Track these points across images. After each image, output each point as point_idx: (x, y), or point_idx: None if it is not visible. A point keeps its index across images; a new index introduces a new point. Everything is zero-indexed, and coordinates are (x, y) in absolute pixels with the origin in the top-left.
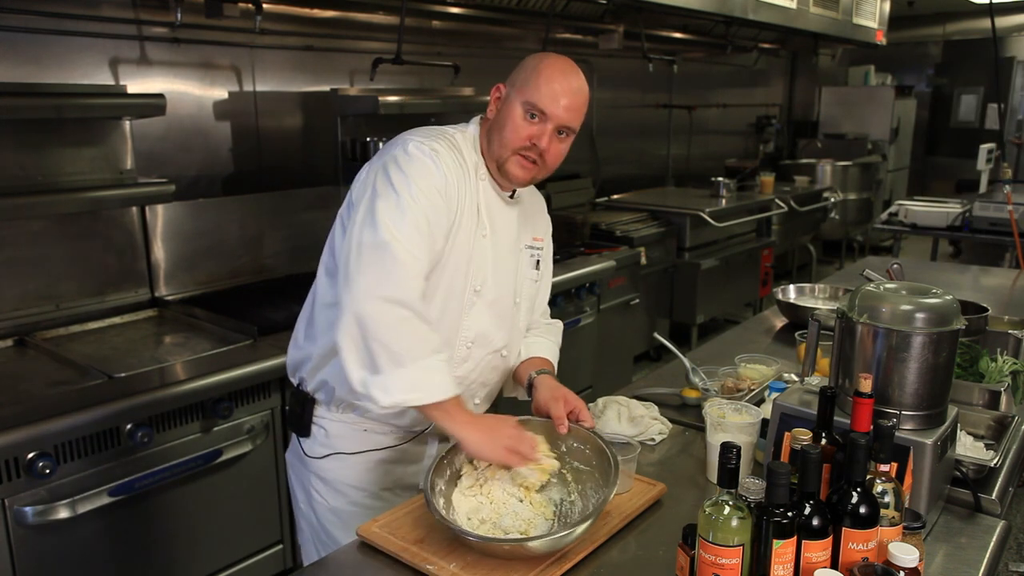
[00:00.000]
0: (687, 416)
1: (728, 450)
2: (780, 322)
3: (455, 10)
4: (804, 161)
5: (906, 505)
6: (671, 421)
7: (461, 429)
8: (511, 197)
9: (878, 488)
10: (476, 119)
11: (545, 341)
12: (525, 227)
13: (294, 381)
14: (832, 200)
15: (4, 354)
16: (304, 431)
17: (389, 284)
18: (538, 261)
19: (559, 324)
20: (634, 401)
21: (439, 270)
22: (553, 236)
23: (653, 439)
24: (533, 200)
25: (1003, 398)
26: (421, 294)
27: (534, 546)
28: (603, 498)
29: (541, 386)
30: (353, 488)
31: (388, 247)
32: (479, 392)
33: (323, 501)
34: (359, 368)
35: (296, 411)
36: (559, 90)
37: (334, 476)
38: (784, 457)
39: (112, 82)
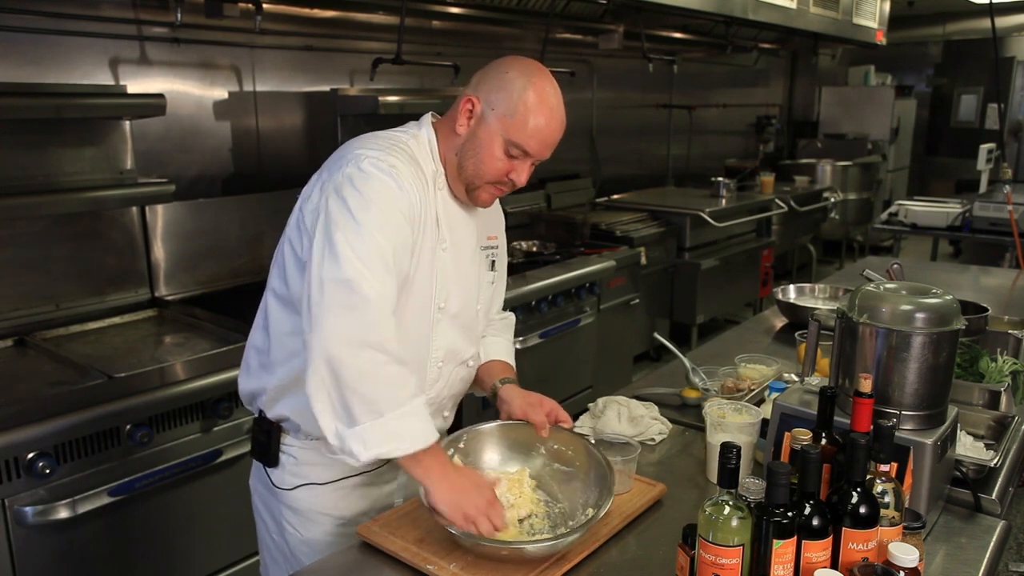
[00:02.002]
0: (687, 416)
1: (728, 450)
2: (780, 322)
3: (455, 10)
4: (804, 161)
5: (906, 505)
6: (671, 421)
7: (434, 484)
8: None
9: (878, 488)
10: (427, 119)
11: (502, 340)
12: (481, 229)
13: (252, 410)
14: (832, 200)
15: (4, 354)
16: (272, 461)
17: (360, 327)
18: (493, 262)
19: (512, 318)
20: (634, 401)
21: (404, 293)
22: (553, 236)
23: (653, 439)
24: None
25: (1003, 398)
26: (394, 333)
27: (531, 550)
28: (605, 502)
29: (513, 396)
30: (328, 517)
31: (354, 285)
32: (447, 404)
33: (295, 532)
34: (333, 420)
35: (261, 440)
36: (547, 131)
37: (307, 506)
38: (784, 457)
39: (112, 82)
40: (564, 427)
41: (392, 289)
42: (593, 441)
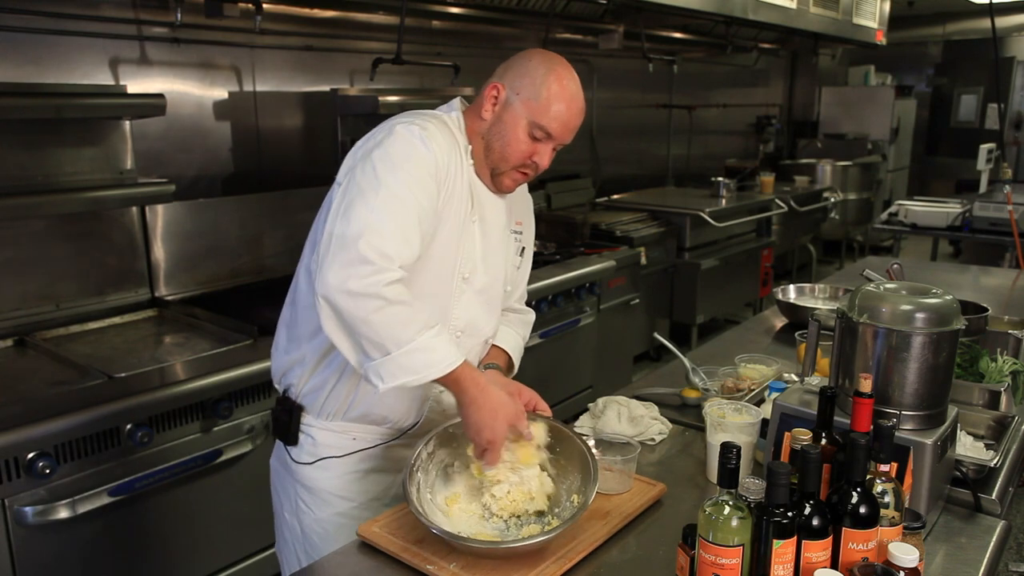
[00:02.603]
0: (687, 416)
1: (728, 450)
2: (780, 322)
3: (455, 10)
4: (804, 161)
5: (906, 505)
6: (671, 421)
7: (463, 405)
8: None
9: (878, 488)
10: (456, 103)
11: (511, 332)
12: (510, 212)
13: (279, 388)
14: (832, 200)
15: (4, 354)
16: (291, 439)
17: (352, 280)
18: (523, 248)
19: (531, 316)
20: (634, 401)
21: (428, 256)
22: (553, 236)
23: (653, 439)
24: None
25: (1003, 398)
26: (392, 280)
27: (521, 548)
28: (590, 489)
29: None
30: (340, 498)
31: (354, 244)
32: None
33: (309, 512)
34: (352, 353)
35: (283, 419)
36: (568, 114)
37: (321, 485)
38: (784, 457)
39: (112, 82)
40: (543, 416)
41: (403, 248)
42: (592, 441)
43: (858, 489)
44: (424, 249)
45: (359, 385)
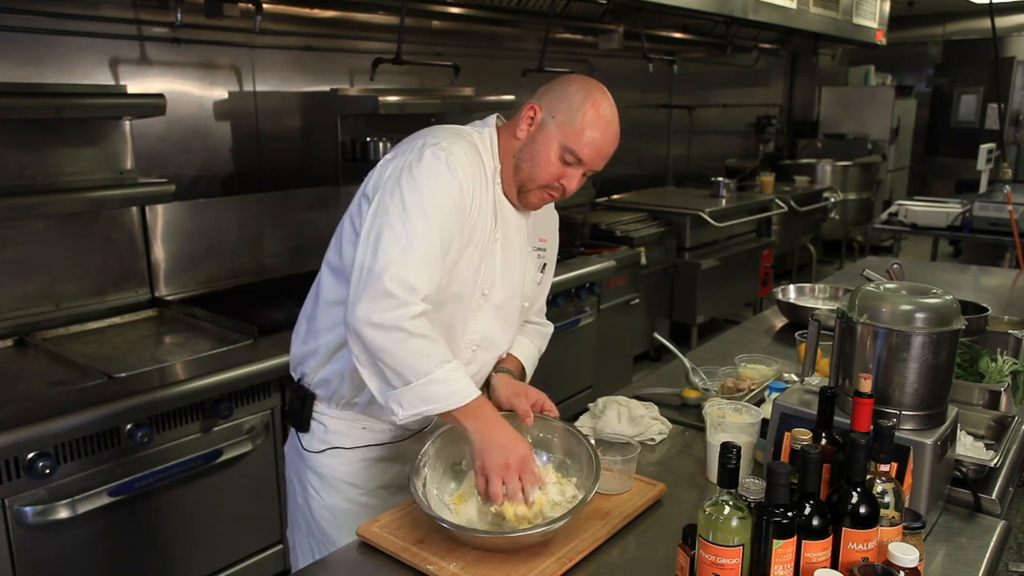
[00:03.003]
0: (687, 416)
1: (728, 450)
2: (780, 322)
3: (455, 10)
4: (804, 161)
5: (906, 505)
6: (671, 421)
7: (475, 440)
8: None
9: (878, 488)
10: (492, 120)
11: (526, 342)
12: (533, 229)
13: (295, 376)
14: (832, 200)
15: (4, 354)
16: (303, 427)
17: (378, 312)
18: (544, 264)
19: (549, 329)
20: (634, 401)
21: (451, 274)
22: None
23: (653, 439)
24: None
25: (1003, 398)
26: (418, 313)
27: (519, 536)
28: (589, 489)
29: (500, 384)
30: (349, 485)
31: (380, 278)
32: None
33: (318, 497)
34: (376, 381)
35: (296, 407)
36: (602, 142)
37: (331, 472)
38: (784, 457)
39: (112, 82)
40: (549, 416)
41: (425, 278)
42: (592, 441)
43: (858, 489)
44: (446, 270)
45: None
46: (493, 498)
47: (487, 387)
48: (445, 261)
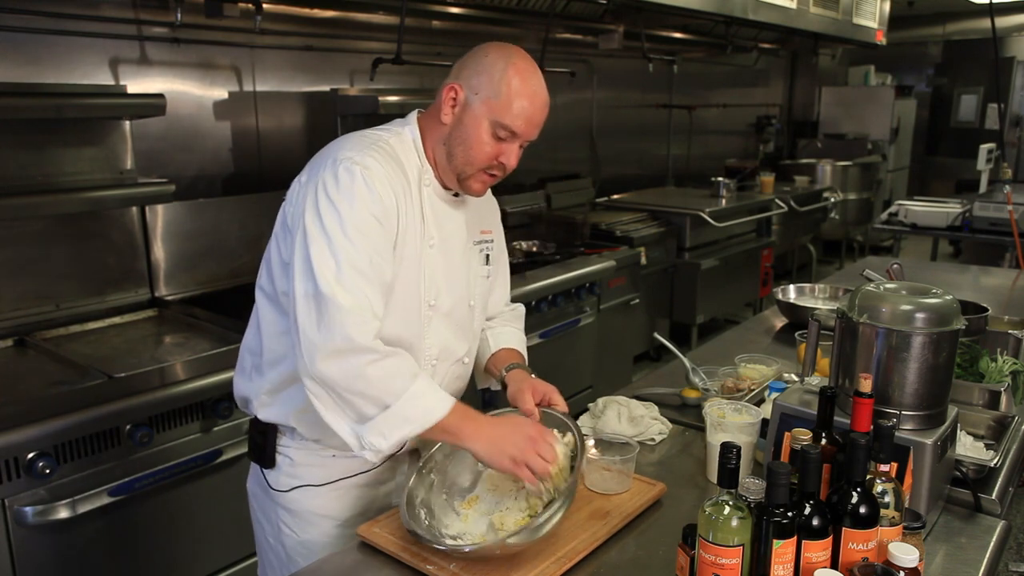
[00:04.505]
0: (687, 416)
1: (728, 450)
2: (780, 322)
3: (455, 10)
4: (804, 161)
5: (906, 505)
6: (671, 421)
7: (471, 443)
8: (455, 196)
9: (878, 488)
10: (412, 116)
11: (512, 330)
12: (473, 223)
13: (247, 413)
14: (832, 200)
15: (4, 354)
16: (268, 463)
17: (338, 336)
18: (487, 256)
19: (521, 308)
20: (634, 401)
21: (392, 290)
22: (553, 236)
23: (653, 439)
24: None
25: (1003, 398)
26: (375, 333)
27: (511, 542)
28: (572, 481)
29: (511, 381)
30: (324, 518)
31: (329, 299)
32: None
33: (292, 534)
34: (346, 423)
35: (258, 441)
36: (532, 110)
37: (303, 507)
38: (784, 457)
39: (112, 82)
40: (556, 411)
41: (370, 294)
42: (592, 441)
43: (858, 489)
44: (386, 288)
45: None
46: (530, 483)
47: (502, 386)
48: (383, 279)
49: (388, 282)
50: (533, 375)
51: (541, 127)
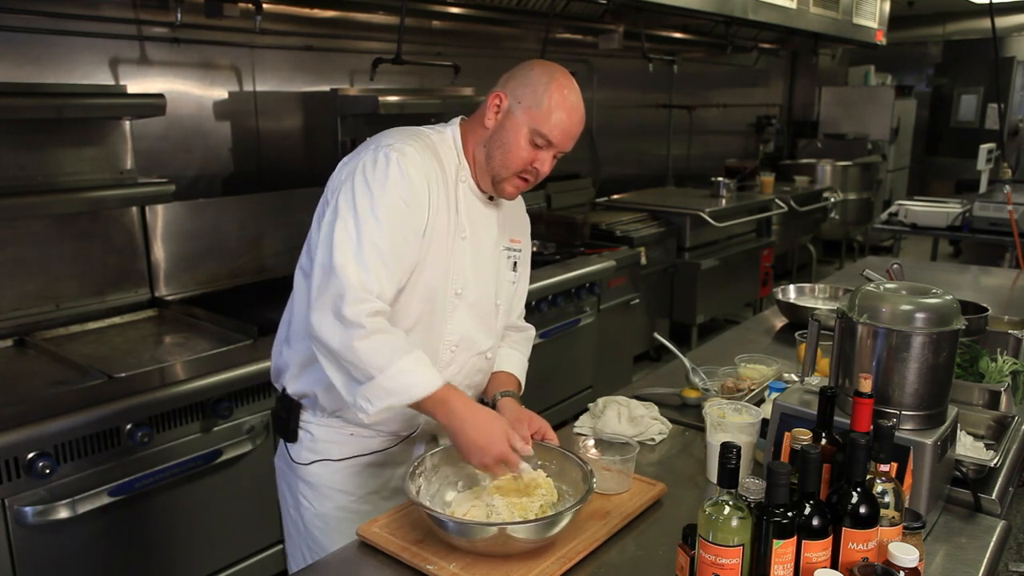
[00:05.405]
0: (687, 416)
1: (728, 450)
2: (780, 322)
3: (455, 10)
4: (804, 161)
5: (906, 505)
6: (671, 421)
7: (446, 428)
8: (490, 199)
9: (878, 488)
10: (456, 121)
11: (516, 354)
12: (504, 229)
13: (278, 387)
14: (832, 200)
15: (4, 354)
16: (291, 436)
17: (337, 307)
18: (515, 263)
19: (531, 332)
20: (634, 401)
21: (416, 273)
22: (553, 236)
23: (653, 439)
24: (513, 202)
25: (1003, 398)
26: (375, 311)
27: (515, 533)
28: (588, 488)
29: (504, 410)
30: (340, 493)
31: (337, 273)
32: (467, 393)
33: (310, 507)
34: (341, 378)
35: (282, 416)
36: (569, 123)
37: (321, 481)
38: (784, 457)
39: (112, 82)
40: (550, 445)
41: (382, 275)
42: (592, 441)
43: (858, 489)
44: (410, 273)
45: None
46: (497, 473)
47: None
48: (404, 262)
49: (409, 267)
50: (523, 406)
51: (575, 140)
